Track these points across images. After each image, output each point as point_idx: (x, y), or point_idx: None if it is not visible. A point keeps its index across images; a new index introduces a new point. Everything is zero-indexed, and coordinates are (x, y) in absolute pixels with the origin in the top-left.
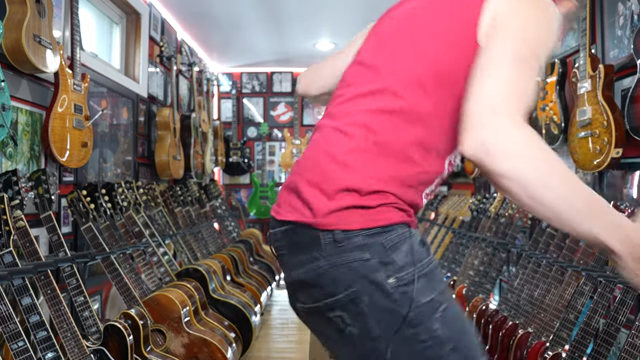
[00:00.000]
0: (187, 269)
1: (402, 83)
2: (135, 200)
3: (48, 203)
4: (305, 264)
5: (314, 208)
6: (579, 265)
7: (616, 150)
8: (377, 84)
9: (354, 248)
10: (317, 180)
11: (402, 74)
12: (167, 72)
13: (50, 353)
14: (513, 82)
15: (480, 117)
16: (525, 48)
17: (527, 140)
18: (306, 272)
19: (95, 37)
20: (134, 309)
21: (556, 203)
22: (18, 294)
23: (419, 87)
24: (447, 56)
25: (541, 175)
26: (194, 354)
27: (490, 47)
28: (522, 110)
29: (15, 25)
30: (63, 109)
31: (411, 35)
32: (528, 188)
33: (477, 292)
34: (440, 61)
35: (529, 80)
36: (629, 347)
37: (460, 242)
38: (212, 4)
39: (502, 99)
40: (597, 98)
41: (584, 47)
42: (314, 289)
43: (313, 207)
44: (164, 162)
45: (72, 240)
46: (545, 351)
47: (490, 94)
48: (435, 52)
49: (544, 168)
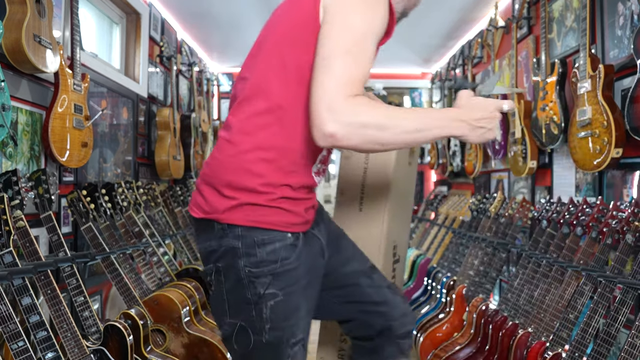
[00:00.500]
0: (187, 269)
1: (261, 85)
2: (135, 200)
3: (48, 203)
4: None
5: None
6: (579, 265)
7: (616, 150)
8: (245, 92)
9: (234, 237)
10: (212, 182)
11: (259, 77)
12: (167, 72)
13: (50, 353)
14: (345, 73)
15: (320, 116)
16: (353, 38)
17: (363, 114)
18: (200, 248)
19: (95, 37)
20: (134, 309)
21: (405, 139)
22: (18, 294)
23: (274, 85)
24: (292, 54)
25: (384, 130)
26: (194, 354)
27: (322, 42)
28: (358, 87)
29: (15, 25)
30: (63, 109)
31: (265, 40)
32: (380, 144)
33: (477, 292)
34: (287, 60)
35: (362, 63)
36: (629, 347)
37: (460, 242)
38: (212, 4)
39: (337, 92)
40: (597, 98)
41: (584, 47)
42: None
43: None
44: (164, 162)
45: (72, 240)
46: (545, 351)
47: (326, 90)
48: (281, 52)
49: (384, 124)
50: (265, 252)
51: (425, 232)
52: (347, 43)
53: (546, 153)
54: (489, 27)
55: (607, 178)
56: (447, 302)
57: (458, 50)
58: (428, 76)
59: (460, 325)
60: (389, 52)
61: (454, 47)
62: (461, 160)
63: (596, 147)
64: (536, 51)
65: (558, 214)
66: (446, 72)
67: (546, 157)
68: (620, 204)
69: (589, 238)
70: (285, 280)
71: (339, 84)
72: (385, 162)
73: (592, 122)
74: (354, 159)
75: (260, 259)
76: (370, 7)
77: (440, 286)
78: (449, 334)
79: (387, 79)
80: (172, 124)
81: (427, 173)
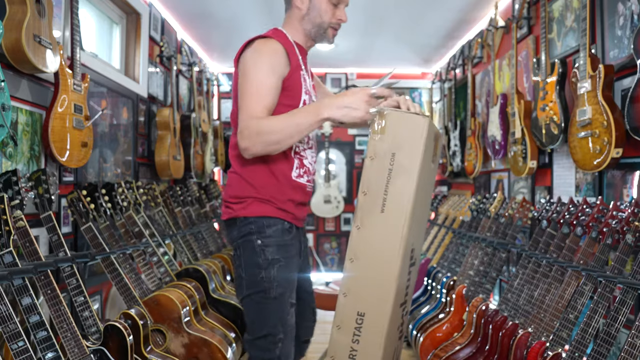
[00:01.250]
0: (187, 269)
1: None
2: (135, 200)
3: (48, 203)
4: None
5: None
6: (579, 265)
7: (616, 150)
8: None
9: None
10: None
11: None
12: (167, 72)
13: (50, 353)
14: (250, 108)
15: (239, 140)
16: (253, 85)
17: (260, 127)
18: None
19: (95, 37)
20: (134, 309)
21: (291, 133)
22: (18, 294)
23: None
24: (235, 101)
25: (274, 133)
26: (193, 354)
27: (239, 92)
28: (261, 113)
29: (15, 25)
30: (63, 109)
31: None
32: (276, 142)
33: (477, 292)
34: (235, 105)
35: (263, 97)
36: (629, 347)
37: (460, 242)
38: (212, 4)
39: (244, 122)
40: (597, 98)
41: (584, 47)
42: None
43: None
44: (164, 162)
45: (72, 240)
46: (545, 351)
47: (240, 122)
48: (234, 100)
49: (272, 129)
50: (272, 230)
51: (425, 232)
52: (250, 89)
53: (546, 153)
54: (489, 27)
55: (607, 178)
56: (447, 302)
57: (458, 50)
58: (428, 76)
59: (460, 325)
60: (389, 52)
61: (454, 47)
62: (461, 160)
63: (596, 147)
64: (536, 51)
65: (558, 214)
66: (446, 72)
67: (546, 157)
68: (620, 204)
69: (589, 238)
70: (285, 252)
71: (246, 116)
72: (411, 163)
73: (592, 122)
74: (379, 160)
75: (268, 235)
76: (263, 61)
77: (440, 286)
78: (449, 334)
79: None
80: (172, 124)
81: None
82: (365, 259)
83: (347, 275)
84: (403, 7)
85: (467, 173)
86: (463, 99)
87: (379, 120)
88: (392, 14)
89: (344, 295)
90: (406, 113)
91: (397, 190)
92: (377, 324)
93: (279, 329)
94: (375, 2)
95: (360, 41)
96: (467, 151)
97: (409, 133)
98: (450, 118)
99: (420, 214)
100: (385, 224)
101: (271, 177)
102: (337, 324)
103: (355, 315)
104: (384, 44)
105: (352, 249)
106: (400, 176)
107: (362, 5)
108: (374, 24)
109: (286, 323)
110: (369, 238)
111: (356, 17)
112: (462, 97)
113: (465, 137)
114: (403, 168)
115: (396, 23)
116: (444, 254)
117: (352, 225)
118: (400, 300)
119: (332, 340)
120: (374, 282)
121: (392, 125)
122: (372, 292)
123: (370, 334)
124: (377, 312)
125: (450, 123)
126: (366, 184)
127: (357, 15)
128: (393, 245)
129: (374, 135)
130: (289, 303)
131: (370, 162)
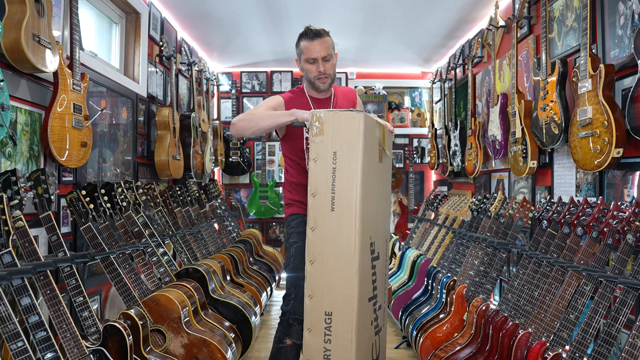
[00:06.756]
0: (187, 269)
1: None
2: (134, 200)
3: (47, 203)
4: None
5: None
6: (580, 266)
7: (617, 150)
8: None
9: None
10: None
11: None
12: (166, 72)
13: (50, 353)
14: (242, 115)
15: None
16: (257, 108)
17: (240, 120)
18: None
19: (94, 37)
20: (134, 309)
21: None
22: (17, 294)
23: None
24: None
25: (250, 121)
26: (193, 354)
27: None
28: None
29: (14, 24)
30: (62, 109)
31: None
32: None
33: (477, 292)
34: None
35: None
36: (629, 347)
37: (460, 242)
38: (212, 4)
39: (236, 118)
40: (598, 98)
41: (585, 47)
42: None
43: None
44: (164, 162)
45: (72, 240)
46: (545, 351)
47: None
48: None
49: (249, 117)
50: (295, 223)
51: (426, 232)
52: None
53: (546, 153)
54: (490, 26)
55: (607, 178)
56: (447, 302)
57: (458, 49)
58: (428, 76)
59: (461, 326)
60: (389, 51)
61: (454, 46)
62: (461, 160)
63: (597, 147)
64: (537, 51)
65: (558, 214)
66: (446, 72)
67: (546, 157)
68: (620, 203)
69: (590, 238)
70: (301, 236)
71: (240, 116)
72: (351, 161)
73: (592, 121)
74: (322, 161)
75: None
76: (267, 102)
77: (440, 286)
78: (449, 334)
79: (387, 78)
80: (171, 123)
81: (427, 173)
82: (324, 259)
83: (310, 277)
84: (403, 6)
85: (468, 173)
86: (463, 99)
87: (315, 123)
88: (392, 13)
89: (310, 298)
90: (340, 111)
91: (344, 187)
92: (345, 321)
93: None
94: (375, 2)
95: (360, 41)
96: (467, 151)
97: (346, 129)
98: (451, 118)
99: (376, 207)
100: (338, 221)
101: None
102: (308, 327)
103: (323, 315)
104: (384, 43)
105: (310, 251)
106: (345, 173)
107: (362, 5)
108: (374, 23)
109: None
110: (325, 238)
111: (356, 17)
112: (463, 96)
113: (466, 136)
114: (346, 164)
115: (396, 23)
116: (444, 254)
117: (306, 228)
118: (368, 294)
119: (305, 344)
120: (336, 280)
121: (329, 125)
122: (336, 290)
123: (340, 332)
124: (344, 309)
125: (450, 123)
126: (314, 185)
127: (357, 15)
128: (348, 242)
129: (314, 138)
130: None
131: (314, 164)
